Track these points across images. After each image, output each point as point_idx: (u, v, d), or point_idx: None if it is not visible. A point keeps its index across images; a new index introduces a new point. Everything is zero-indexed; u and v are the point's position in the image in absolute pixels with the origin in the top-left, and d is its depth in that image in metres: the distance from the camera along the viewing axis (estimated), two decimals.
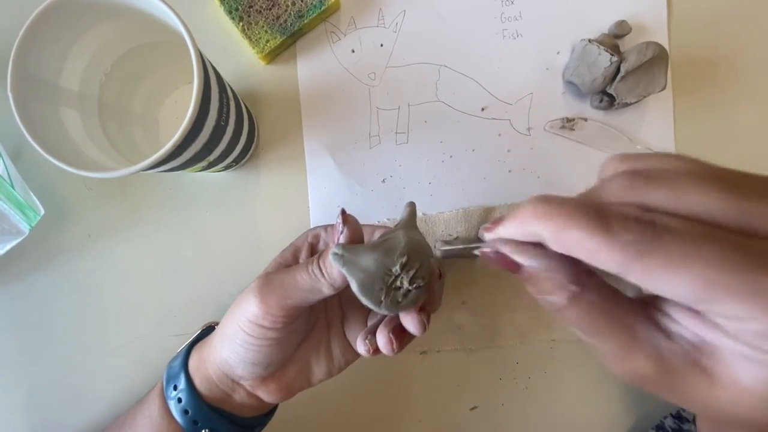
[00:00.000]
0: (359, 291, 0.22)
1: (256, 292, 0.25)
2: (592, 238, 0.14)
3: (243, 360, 0.26)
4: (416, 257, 0.23)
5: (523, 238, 0.17)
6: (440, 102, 0.38)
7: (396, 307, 0.23)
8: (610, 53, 0.33)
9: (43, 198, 0.36)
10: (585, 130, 0.37)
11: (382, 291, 0.22)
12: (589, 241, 0.14)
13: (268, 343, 0.26)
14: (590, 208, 0.15)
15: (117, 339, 0.39)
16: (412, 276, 0.22)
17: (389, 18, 0.38)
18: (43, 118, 0.26)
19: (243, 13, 0.36)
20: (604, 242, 0.14)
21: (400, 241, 0.23)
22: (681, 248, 0.13)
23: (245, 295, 0.26)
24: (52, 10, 0.25)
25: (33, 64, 0.26)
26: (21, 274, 0.39)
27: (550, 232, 0.16)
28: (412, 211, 0.26)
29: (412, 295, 0.23)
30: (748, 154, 0.37)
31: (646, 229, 0.14)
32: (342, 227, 0.24)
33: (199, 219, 0.38)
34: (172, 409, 0.28)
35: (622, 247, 0.14)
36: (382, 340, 0.24)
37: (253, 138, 0.37)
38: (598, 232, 0.14)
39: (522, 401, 0.39)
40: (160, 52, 0.32)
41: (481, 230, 0.20)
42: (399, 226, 0.25)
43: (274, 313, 0.24)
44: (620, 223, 0.14)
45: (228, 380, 0.28)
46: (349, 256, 0.22)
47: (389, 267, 0.22)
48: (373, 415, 0.39)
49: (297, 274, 0.25)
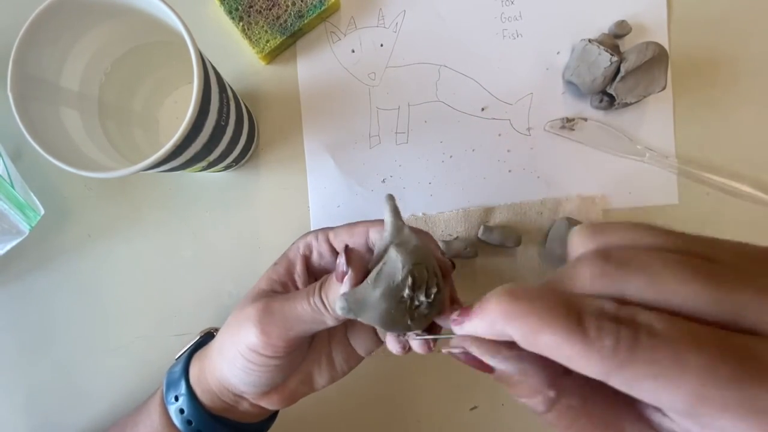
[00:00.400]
0: (383, 329, 0.21)
1: (255, 321, 0.24)
2: (569, 343, 0.13)
3: (244, 382, 0.26)
4: (420, 269, 0.21)
5: (493, 337, 0.16)
6: (440, 102, 0.38)
7: (426, 320, 0.22)
8: (610, 53, 0.33)
9: (43, 198, 0.36)
10: (585, 130, 0.37)
11: (405, 317, 0.21)
12: (565, 348, 0.13)
13: (270, 368, 0.25)
14: (563, 305, 0.14)
15: (117, 339, 0.39)
16: (425, 288, 0.21)
17: (389, 18, 0.38)
18: (43, 118, 0.26)
19: (243, 13, 0.36)
20: (582, 349, 0.13)
21: (397, 262, 0.21)
22: (666, 357, 0.12)
23: (244, 321, 0.25)
24: (52, 10, 0.25)
25: (33, 64, 0.26)
26: (21, 274, 0.39)
27: (521, 335, 0.14)
28: (394, 209, 0.23)
29: (436, 301, 0.22)
30: (748, 154, 0.37)
31: (626, 333, 0.13)
32: (346, 268, 0.22)
33: (199, 219, 0.38)
34: (174, 419, 0.28)
35: (602, 355, 0.13)
36: (416, 343, 0.23)
37: (253, 138, 0.37)
38: (575, 337, 0.13)
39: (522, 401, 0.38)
40: (160, 52, 0.32)
41: (451, 320, 0.18)
42: (387, 235, 0.23)
43: (275, 344, 0.24)
44: (597, 325, 0.13)
45: (230, 394, 0.27)
46: (357, 303, 0.21)
47: (400, 295, 0.21)
48: (374, 415, 0.39)
49: (298, 304, 0.24)
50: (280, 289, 0.27)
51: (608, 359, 0.13)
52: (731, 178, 0.37)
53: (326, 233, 0.28)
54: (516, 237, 0.36)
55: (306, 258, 0.28)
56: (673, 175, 0.37)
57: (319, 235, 0.28)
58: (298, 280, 0.27)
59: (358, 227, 0.26)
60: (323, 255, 0.28)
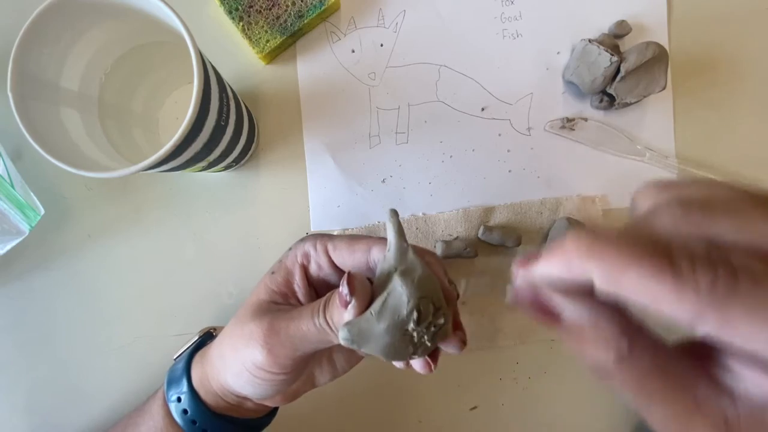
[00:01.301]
0: (387, 359, 0.21)
1: (262, 342, 0.24)
2: (659, 280, 0.12)
3: (250, 392, 0.26)
4: (426, 303, 0.21)
5: (567, 277, 0.14)
6: (440, 102, 0.38)
7: (430, 349, 0.22)
8: (610, 53, 0.33)
9: (43, 198, 0.36)
10: (585, 130, 0.37)
11: (408, 348, 0.21)
12: (654, 285, 0.12)
13: (276, 381, 0.25)
14: (651, 244, 0.12)
15: (117, 339, 0.39)
16: (429, 321, 0.21)
17: (389, 18, 0.38)
18: (43, 118, 0.26)
19: (243, 13, 0.36)
20: (673, 286, 0.12)
21: (402, 295, 0.21)
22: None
23: (249, 340, 0.24)
24: (52, 10, 0.25)
25: (33, 64, 0.26)
26: (21, 274, 0.39)
27: (603, 271, 0.13)
28: (399, 228, 0.23)
29: (440, 331, 0.21)
30: (748, 154, 0.37)
31: (723, 272, 0.12)
32: (350, 298, 0.21)
33: (199, 219, 0.38)
34: (177, 419, 0.28)
35: (697, 294, 0.12)
36: (418, 363, 0.23)
37: (253, 138, 0.37)
38: (665, 274, 0.12)
39: (522, 401, 0.39)
40: (160, 52, 0.32)
41: (513, 265, 0.17)
42: (391, 259, 0.22)
43: (283, 363, 0.24)
44: (691, 263, 0.12)
45: (233, 396, 0.27)
46: (360, 335, 0.21)
47: (404, 329, 0.21)
48: (373, 414, 0.39)
49: (303, 324, 0.23)
50: (280, 300, 0.27)
51: (705, 298, 0.12)
52: (731, 178, 0.37)
53: (325, 243, 0.26)
54: (516, 237, 0.36)
55: (304, 267, 0.27)
56: (673, 175, 0.37)
57: (317, 244, 0.27)
58: (298, 291, 0.27)
59: (360, 244, 0.25)
60: (322, 267, 0.27)
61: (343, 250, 0.26)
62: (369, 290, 0.22)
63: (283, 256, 0.28)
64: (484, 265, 0.37)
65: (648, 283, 0.12)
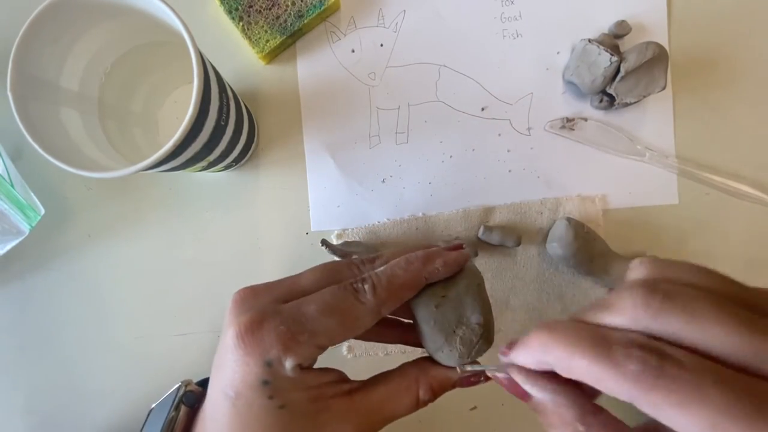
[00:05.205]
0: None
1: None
2: (597, 366, 0.15)
3: None
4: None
5: (535, 366, 0.18)
6: (440, 102, 0.38)
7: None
8: (610, 53, 0.33)
9: (43, 198, 0.36)
10: (585, 130, 0.37)
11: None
12: (595, 370, 0.15)
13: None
14: (592, 334, 0.15)
15: (117, 339, 0.39)
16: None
17: (389, 18, 0.38)
18: (43, 118, 0.26)
19: (243, 13, 0.36)
20: (609, 372, 0.14)
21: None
22: (689, 388, 0.13)
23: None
24: (52, 10, 0.25)
25: (33, 64, 0.26)
26: (21, 274, 0.39)
27: (556, 360, 0.16)
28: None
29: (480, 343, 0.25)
30: (748, 154, 0.37)
31: (651, 359, 0.14)
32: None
33: (199, 219, 0.38)
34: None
35: (627, 378, 0.14)
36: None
37: (253, 138, 0.37)
38: (602, 361, 0.14)
39: (522, 401, 0.38)
40: (160, 52, 0.32)
41: (499, 351, 0.20)
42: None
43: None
44: (624, 351, 0.14)
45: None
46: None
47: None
48: None
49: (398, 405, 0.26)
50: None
51: (635, 383, 0.14)
52: (731, 178, 0.37)
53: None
54: (516, 237, 0.36)
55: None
56: (673, 175, 0.37)
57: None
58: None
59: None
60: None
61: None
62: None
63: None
64: (484, 265, 0.37)
65: (591, 369, 0.15)
